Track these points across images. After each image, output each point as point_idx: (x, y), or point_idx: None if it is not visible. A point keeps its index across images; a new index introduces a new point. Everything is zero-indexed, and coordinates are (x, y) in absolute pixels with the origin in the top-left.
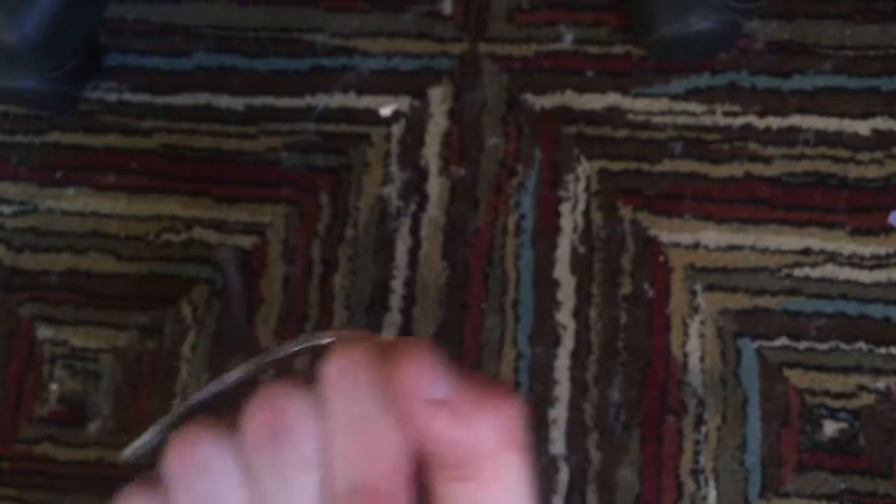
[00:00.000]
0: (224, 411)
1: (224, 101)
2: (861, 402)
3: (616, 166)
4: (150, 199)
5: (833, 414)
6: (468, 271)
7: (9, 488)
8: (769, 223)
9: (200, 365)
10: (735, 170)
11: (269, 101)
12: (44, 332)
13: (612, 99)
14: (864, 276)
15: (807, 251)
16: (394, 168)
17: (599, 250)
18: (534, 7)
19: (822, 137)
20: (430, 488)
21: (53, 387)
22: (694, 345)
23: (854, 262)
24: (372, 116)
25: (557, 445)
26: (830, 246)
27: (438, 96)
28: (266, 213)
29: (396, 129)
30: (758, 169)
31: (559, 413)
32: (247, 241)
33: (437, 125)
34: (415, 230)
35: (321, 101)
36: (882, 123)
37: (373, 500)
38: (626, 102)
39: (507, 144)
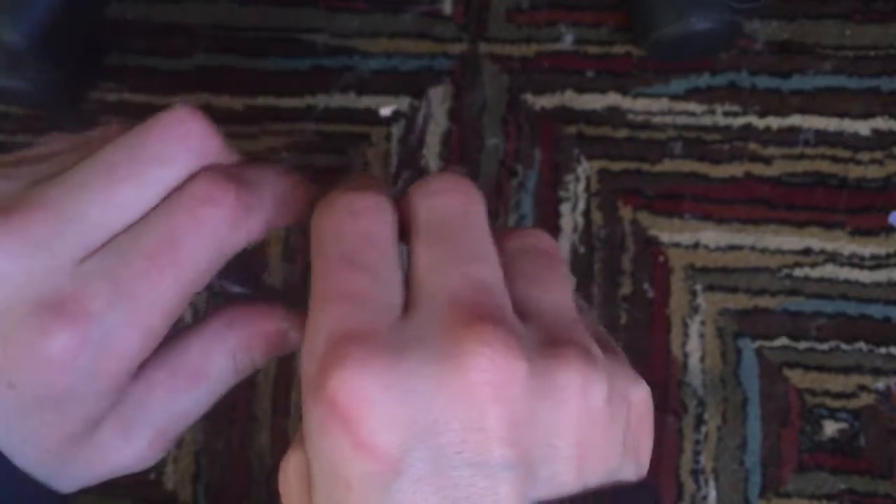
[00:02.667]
0: None
1: (224, 101)
2: (861, 402)
3: (616, 166)
4: None
5: (833, 414)
6: None
7: None
8: (769, 223)
9: None
10: (735, 170)
11: (269, 101)
12: None
13: (612, 99)
14: (864, 276)
15: (807, 251)
16: (394, 168)
17: (599, 250)
18: (534, 7)
19: (822, 137)
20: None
21: None
22: (694, 345)
23: (854, 262)
24: (372, 116)
25: None
26: (830, 246)
27: (438, 96)
28: None
29: (396, 129)
30: (758, 169)
31: None
32: None
33: (437, 125)
34: None
35: (321, 101)
36: (882, 123)
37: None
38: (626, 102)
39: (507, 144)
